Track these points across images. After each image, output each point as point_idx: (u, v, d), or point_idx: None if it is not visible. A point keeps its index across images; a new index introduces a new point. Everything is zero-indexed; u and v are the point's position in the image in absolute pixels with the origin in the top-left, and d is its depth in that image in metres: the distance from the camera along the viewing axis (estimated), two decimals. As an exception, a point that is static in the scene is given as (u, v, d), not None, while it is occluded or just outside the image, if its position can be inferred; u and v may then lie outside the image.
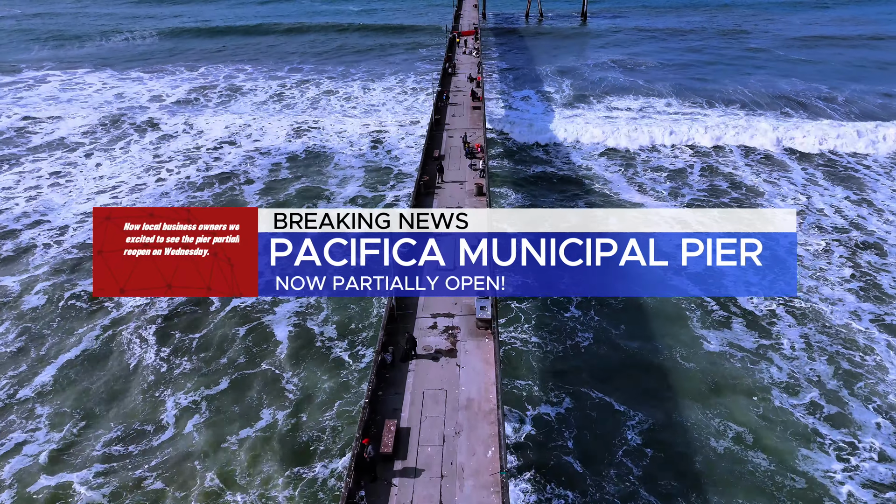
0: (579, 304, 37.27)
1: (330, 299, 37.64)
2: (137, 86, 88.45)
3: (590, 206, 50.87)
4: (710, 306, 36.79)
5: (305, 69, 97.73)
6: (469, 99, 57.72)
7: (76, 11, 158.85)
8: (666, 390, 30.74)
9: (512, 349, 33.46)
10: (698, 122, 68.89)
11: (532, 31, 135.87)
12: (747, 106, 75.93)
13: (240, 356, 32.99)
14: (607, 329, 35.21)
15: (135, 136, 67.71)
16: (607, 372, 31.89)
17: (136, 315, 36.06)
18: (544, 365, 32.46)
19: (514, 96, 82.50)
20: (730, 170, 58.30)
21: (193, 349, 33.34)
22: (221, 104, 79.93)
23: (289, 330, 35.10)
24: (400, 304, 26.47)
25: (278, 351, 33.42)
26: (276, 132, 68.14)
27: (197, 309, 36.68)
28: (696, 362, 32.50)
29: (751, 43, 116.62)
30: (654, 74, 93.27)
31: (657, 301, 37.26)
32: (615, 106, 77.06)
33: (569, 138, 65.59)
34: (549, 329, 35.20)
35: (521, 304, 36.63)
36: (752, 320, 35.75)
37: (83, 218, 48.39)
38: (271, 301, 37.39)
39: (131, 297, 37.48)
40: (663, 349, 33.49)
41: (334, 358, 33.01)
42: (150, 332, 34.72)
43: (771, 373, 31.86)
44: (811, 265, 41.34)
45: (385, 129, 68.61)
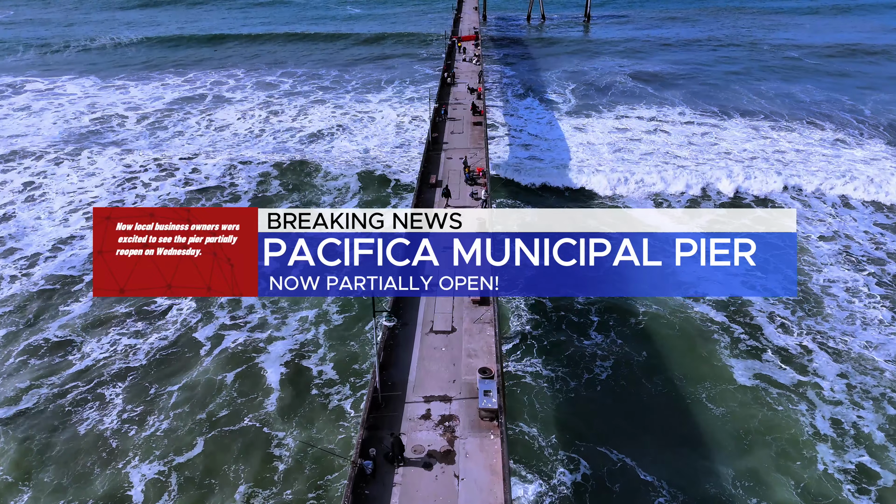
0: (598, 326, 35.35)
1: (328, 334, 35.33)
2: (120, 94, 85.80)
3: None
4: (736, 332, 34.82)
5: (290, 82, 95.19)
6: (469, 113, 55.05)
7: (66, 18, 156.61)
8: (696, 446, 28.17)
9: (518, 384, 31.08)
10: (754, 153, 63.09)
11: (534, 34, 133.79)
12: (770, 117, 73.20)
13: (223, 409, 30.16)
14: (627, 358, 33.05)
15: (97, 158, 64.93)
16: (628, 419, 29.42)
17: (107, 362, 33.29)
18: (556, 409, 30.03)
19: (516, 107, 79.96)
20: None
21: (171, 403, 30.50)
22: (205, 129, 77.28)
23: (282, 372, 32.43)
24: (386, 383, 22.43)
25: (268, 401, 30.64)
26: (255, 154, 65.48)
27: (185, 351, 33.95)
28: (727, 404, 30.14)
29: (762, 47, 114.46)
30: (664, 80, 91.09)
31: (680, 321, 35.65)
32: (625, 115, 74.46)
33: (590, 184, 55.04)
34: (562, 359, 33.05)
35: (529, 327, 34.15)
36: (784, 353, 33.37)
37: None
38: (266, 338, 34.86)
39: (107, 337, 35.10)
40: (689, 386, 31.24)
41: (333, 407, 30.29)
42: (123, 381, 31.90)
43: (812, 421, 29.23)
44: (846, 305, 38.61)
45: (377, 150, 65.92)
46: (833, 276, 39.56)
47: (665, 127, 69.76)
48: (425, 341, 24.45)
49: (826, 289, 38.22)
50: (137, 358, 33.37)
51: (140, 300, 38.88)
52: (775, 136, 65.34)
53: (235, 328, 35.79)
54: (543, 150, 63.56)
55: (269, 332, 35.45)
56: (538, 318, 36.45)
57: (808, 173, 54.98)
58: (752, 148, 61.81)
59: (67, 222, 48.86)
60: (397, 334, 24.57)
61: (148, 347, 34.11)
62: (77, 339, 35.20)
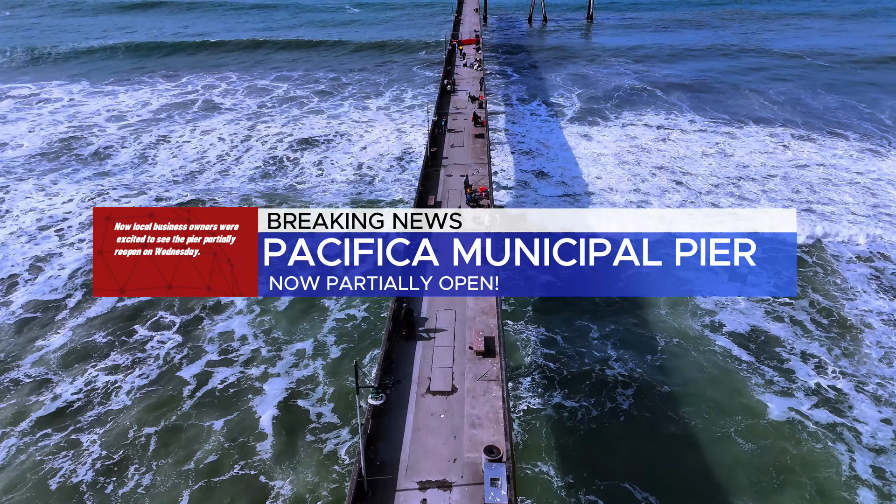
0: (616, 358, 33.21)
1: (326, 369, 33.04)
2: (108, 100, 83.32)
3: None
4: (764, 366, 32.70)
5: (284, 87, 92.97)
6: (471, 124, 52.69)
7: (62, 23, 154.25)
8: (725, 481, 26.22)
9: (534, 416, 29.01)
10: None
11: (536, 36, 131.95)
12: (786, 125, 71.03)
13: (210, 455, 27.77)
14: (649, 390, 31.07)
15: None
16: (652, 454, 27.47)
17: (84, 404, 30.80)
18: (574, 443, 28.04)
19: (519, 113, 77.83)
20: None
21: (152, 451, 28.09)
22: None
23: (275, 415, 30.07)
24: (373, 462, 19.18)
25: (261, 447, 28.26)
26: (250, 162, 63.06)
27: (170, 390, 31.54)
28: (757, 440, 28.08)
29: (770, 50, 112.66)
30: (671, 84, 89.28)
31: (703, 353, 33.77)
32: (632, 122, 72.38)
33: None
34: (580, 390, 31.08)
35: (540, 357, 31.93)
36: (818, 392, 31.14)
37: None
38: (260, 375, 32.52)
39: (84, 375, 32.76)
40: (716, 419, 29.32)
41: (329, 452, 27.95)
42: (101, 426, 29.48)
43: (852, 464, 27.15)
44: (886, 340, 36.25)
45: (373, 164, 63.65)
46: (869, 306, 37.36)
47: (675, 135, 67.60)
48: (421, 405, 21.28)
49: (862, 319, 36.00)
50: (118, 398, 30.94)
51: (121, 326, 36.61)
52: (796, 148, 63.01)
53: (225, 364, 33.41)
54: (550, 161, 61.39)
55: (263, 367, 33.10)
56: (548, 346, 34.30)
57: (840, 205, 50.66)
58: (773, 163, 59.45)
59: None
60: (389, 394, 21.55)
61: (129, 386, 31.68)
62: (52, 376, 32.77)
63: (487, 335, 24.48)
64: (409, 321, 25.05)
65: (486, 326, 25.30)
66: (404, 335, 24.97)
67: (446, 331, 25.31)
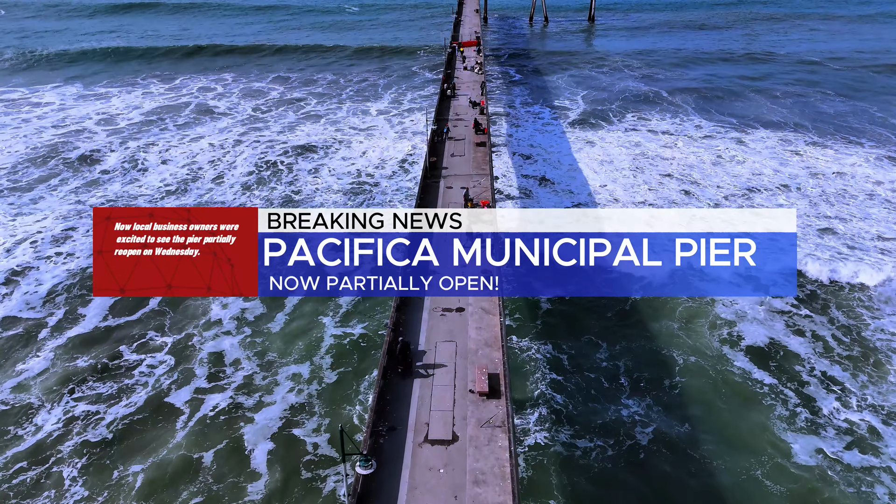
0: (629, 387, 31.71)
1: (323, 396, 31.47)
2: (100, 104, 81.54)
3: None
4: (788, 399, 30.88)
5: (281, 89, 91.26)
6: (472, 131, 50.92)
7: (60, 24, 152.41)
8: None
9: (544, 454, 27.46)
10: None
11: (537, 37, 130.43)
12: (797, 130, 69.15)
13: (200, 496, 26.10)
14: (667, 426, 29.35)
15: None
16: (673, 496, 25.79)
17: (65, 435, 29.02)
18: (588, 483, 26.50)
19: (521, 116, 76.21)
20: None
21: (137, 488, 26.34)
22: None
23: (269, 449, 28.40)
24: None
25: (253, 487, 26.60)
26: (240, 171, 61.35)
27: (157, 420, 29.86)
28: (784, 482, 26.42)
29: (777, 52, 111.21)
30: (675, 86, 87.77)
31: (722, 381, 32.06)
32: (636, 127, 70.74)
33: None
34: (593, 428, 29.37)
35: (549, 389, 30.25)
36: (848, 430, 29.37)
37: None
38: (253, 405, 30.86)
39: (65, 403, 31.06)
40: (740, 459, 27.61)
41: (329, 492, 26.30)
42: (82, 459, 27.75)
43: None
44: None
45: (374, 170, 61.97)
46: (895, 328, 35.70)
47: (681, 142, 66.00)
48: (418, 457, 19.29)
49: (889, 345, 34.35)
50: (100, 430, 29.22)
51: (109, 347, 34.97)
52: (809, 155, 61.41)
53: (217, 390, 31.73)
54: (553, 168, 59.85)
55: (257, 395, 31.42)
56: (556, 370, 32.67)
57: (861, 221, 48.21)
58: (787, 171, 57.75)
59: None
60: (383, 444, 19.67)
61: (112, 416, 29.97)
62: (33, 402, 31.07)
63: (492, 371, 22.59)
64: (405, 356, 23.10)
65: (490, 361, 23.37)
66: (400, 371, 22.85)
67: (446, 367, 23.32)
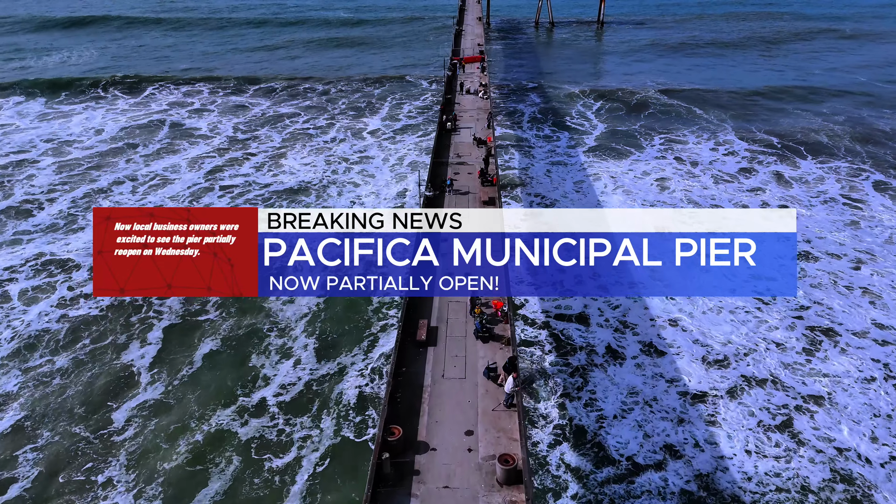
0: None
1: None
2: (58, 127, 73.70)
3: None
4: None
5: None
6: (478, 182, 39.32)
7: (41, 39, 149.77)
8: None
9: None
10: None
11: (544, 44, 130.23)
12: (853, 161, 59.56)
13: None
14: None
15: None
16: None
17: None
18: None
19: (532, 147, 67.45)
20: None
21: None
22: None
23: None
24: None
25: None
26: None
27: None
28: None
29: (811, 59, 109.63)
30: (700, 100, 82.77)
31: None
32: (663, 155, 66.29)
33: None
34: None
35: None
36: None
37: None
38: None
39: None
40: None
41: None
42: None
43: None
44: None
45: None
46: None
47: (723, 179, 56.77)
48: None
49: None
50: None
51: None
52: (878, 208, 51.08)
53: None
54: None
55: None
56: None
57: None
58: (852, 238, 46.72)
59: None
60: None
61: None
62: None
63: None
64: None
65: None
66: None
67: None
